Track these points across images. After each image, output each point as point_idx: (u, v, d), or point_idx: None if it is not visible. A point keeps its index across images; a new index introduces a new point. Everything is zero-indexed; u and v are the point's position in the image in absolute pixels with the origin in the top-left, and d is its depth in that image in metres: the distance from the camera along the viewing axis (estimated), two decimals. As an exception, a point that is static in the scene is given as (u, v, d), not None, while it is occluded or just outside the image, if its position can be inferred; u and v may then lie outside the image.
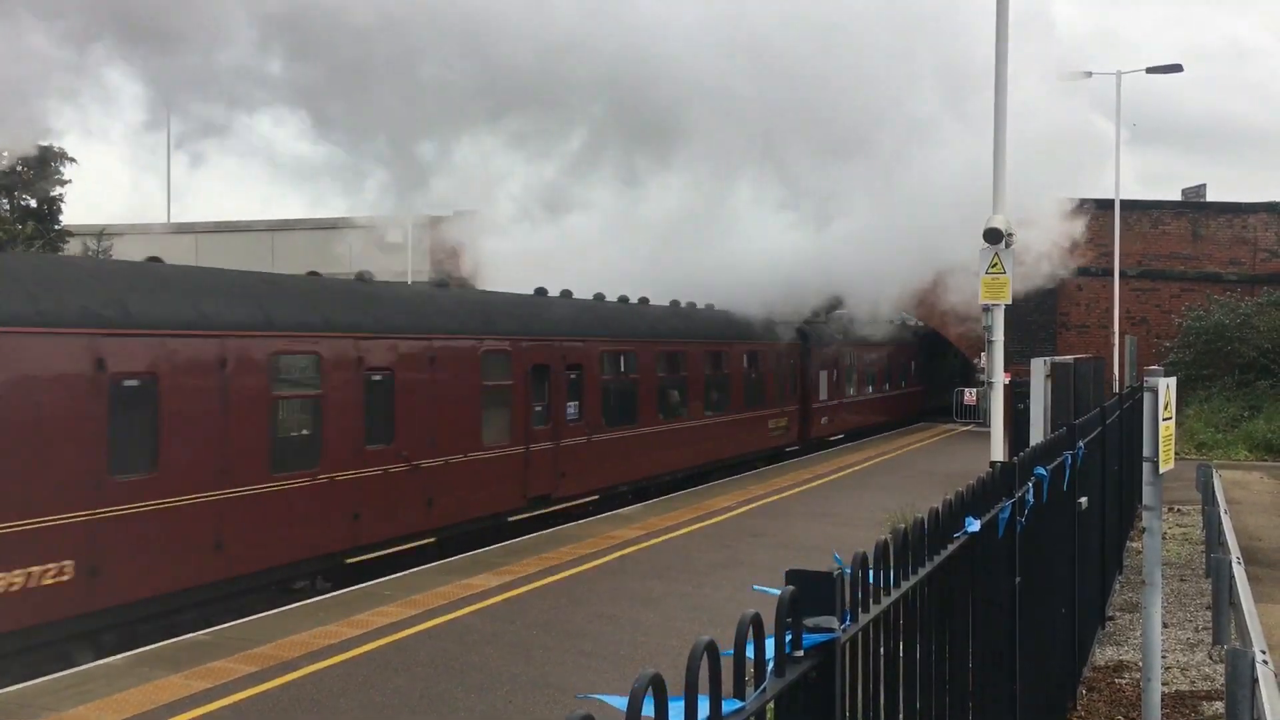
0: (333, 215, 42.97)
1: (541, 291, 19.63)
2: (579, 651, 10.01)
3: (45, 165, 37.53)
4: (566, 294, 20.15)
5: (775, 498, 19.94)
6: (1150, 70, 30.60)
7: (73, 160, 38.07)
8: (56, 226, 36.97)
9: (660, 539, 15.71)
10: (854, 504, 18.87)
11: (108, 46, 14.71)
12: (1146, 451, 6.57)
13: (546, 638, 10.46)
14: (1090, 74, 30.62)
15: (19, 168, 36.32)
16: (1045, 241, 26.67)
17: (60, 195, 38.27)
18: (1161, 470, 6.55)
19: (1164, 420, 6.54)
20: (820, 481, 22.36)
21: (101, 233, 37.48)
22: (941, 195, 22.75)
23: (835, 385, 31.05)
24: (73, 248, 35.24)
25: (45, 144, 37.29)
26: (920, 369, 39.92)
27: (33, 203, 37.49)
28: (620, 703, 1.80)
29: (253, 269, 15.60)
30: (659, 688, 1.82)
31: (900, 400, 37.75)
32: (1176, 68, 30.39)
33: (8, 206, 36.26)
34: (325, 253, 38.24)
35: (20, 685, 9.04)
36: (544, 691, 8.86)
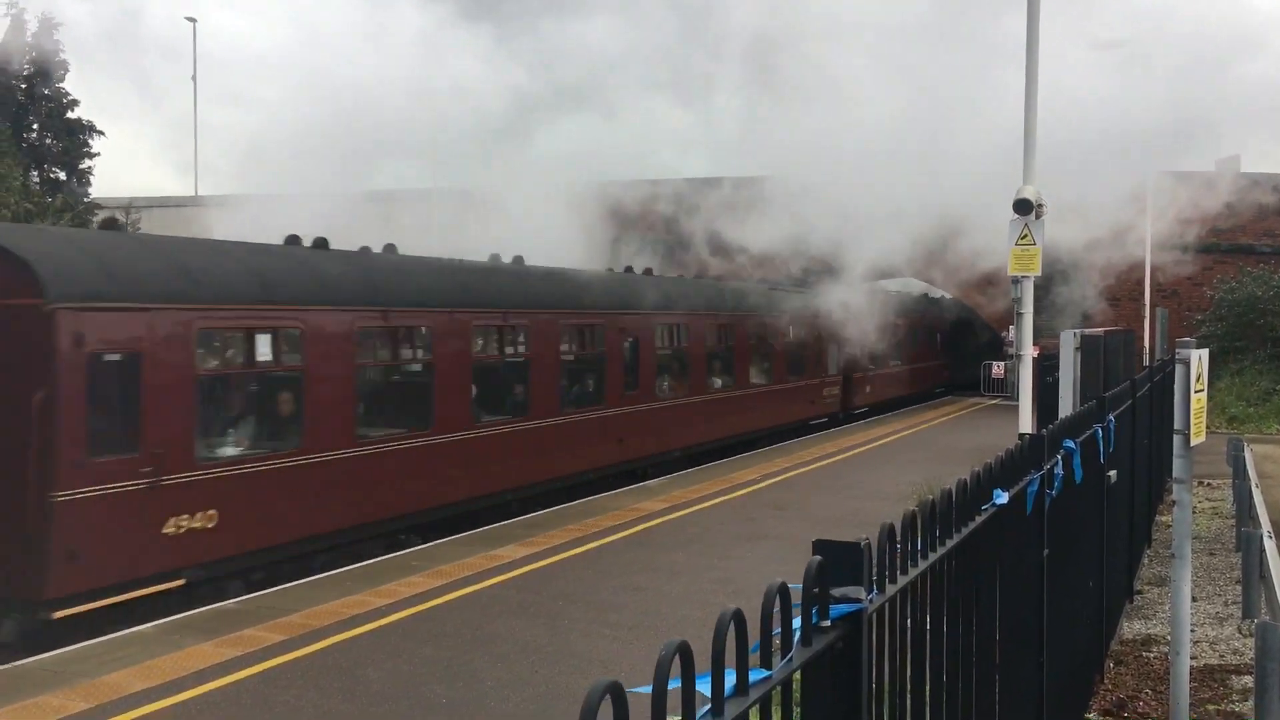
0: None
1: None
2: (604, 622, 10.05)
3: (74, 137, 37.79)
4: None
5: (799, 471, 19.92)
6: (1183, 39, 30.10)
7: (101, 133, 38.36)
8: (85, 199, 37.26)
9: (684, 512, 15.73)
10: (879, 478, 18.83)
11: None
12: (1177, 424, 6.50)
13: (572, 608, 10.51)
14: (1125, 44, 30.21)
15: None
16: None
17: (89, 168, 38.57)
18: (1192, 443, 6.49)
19: (1195, 393, 6.47)
20: (845, 455, 22.32)
21: (129, 205, 37.71)
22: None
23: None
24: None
25: (75, 117, 37.61)
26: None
27: (62, 175, 37.77)
28: (645, 690, 1.79)
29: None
30: (686, 656, 1.82)
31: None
32: (1208, 39, 29.93)
33: (37, 180, 36.53)
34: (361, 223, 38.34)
35: (54, 652, 9.18)
36: (569, 661, 8.91)
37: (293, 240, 14.00)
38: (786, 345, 25.97)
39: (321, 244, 14.16)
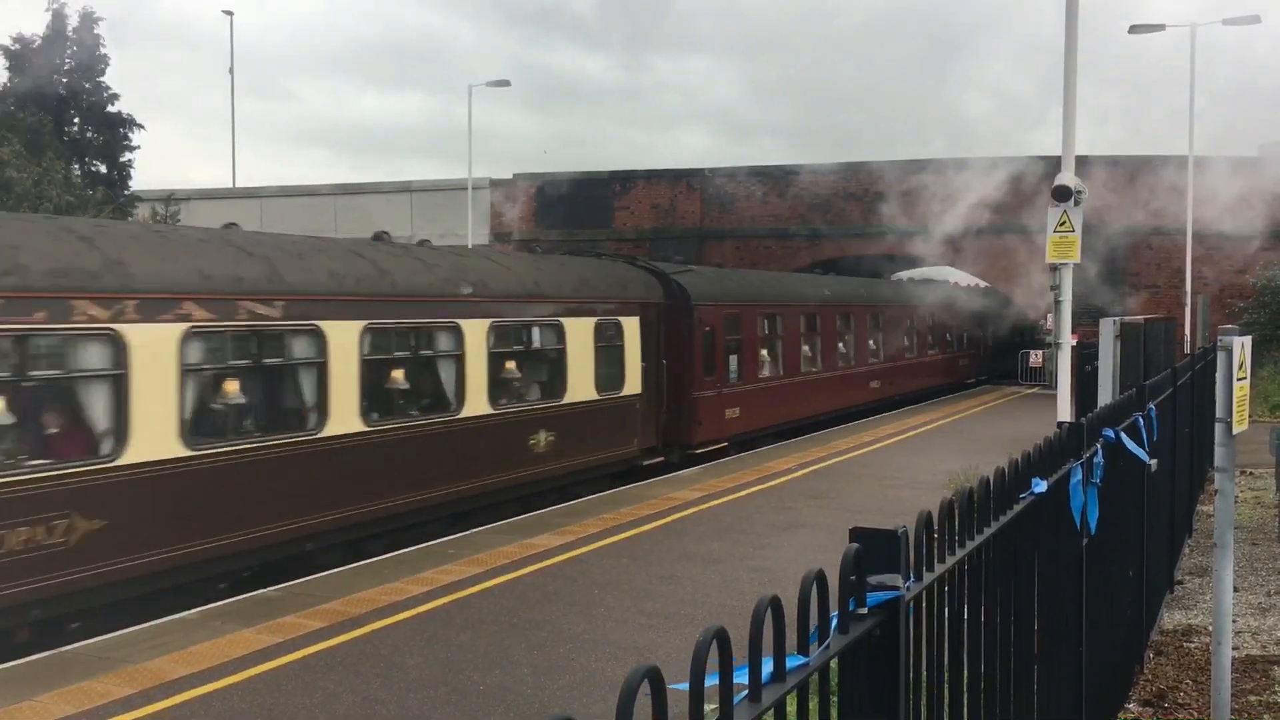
0: (399, 180, 43.42)
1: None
2: (640, 611, 10.08)
3: (114, 131, 38.13)
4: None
5: (836, 460, 19.86)
6: (1227, 22, 29.65)
7: (141, 127, 38.73)
8: (126, 192, 37.66)
9: (720, 501, 15.73)
10: (916, 467, 18.73)
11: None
12: (1219, 412, 6.42)
13: (608, 597, 10.55)
14: (1164, 26, 29.77)
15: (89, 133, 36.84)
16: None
17: (130, 161, 38.94)
18: (1235, 432, 6.40)
19: (1238, 380, 6.39)
20: (882, 444, 22.22)
21: (170, 197, 38.08)
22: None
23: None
24: (142, 213, 35.89)
25: (115, 111, 38.02)
26: None
27: (103, 168, 38.17)
28: (682, 686, 1.80)
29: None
30: (723, 642, 1.82)
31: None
32: (1254, 19, 29.40)
33: (79, 173, 36.97)
34: (390, 216, 38.64)
35: (98, 638, 9.32)
36: (606, 649, 8.94)
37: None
38: (943, 328, 35.31)
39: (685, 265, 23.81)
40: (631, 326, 18.10)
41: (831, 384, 26.35)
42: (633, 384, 18.06)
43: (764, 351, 23.03)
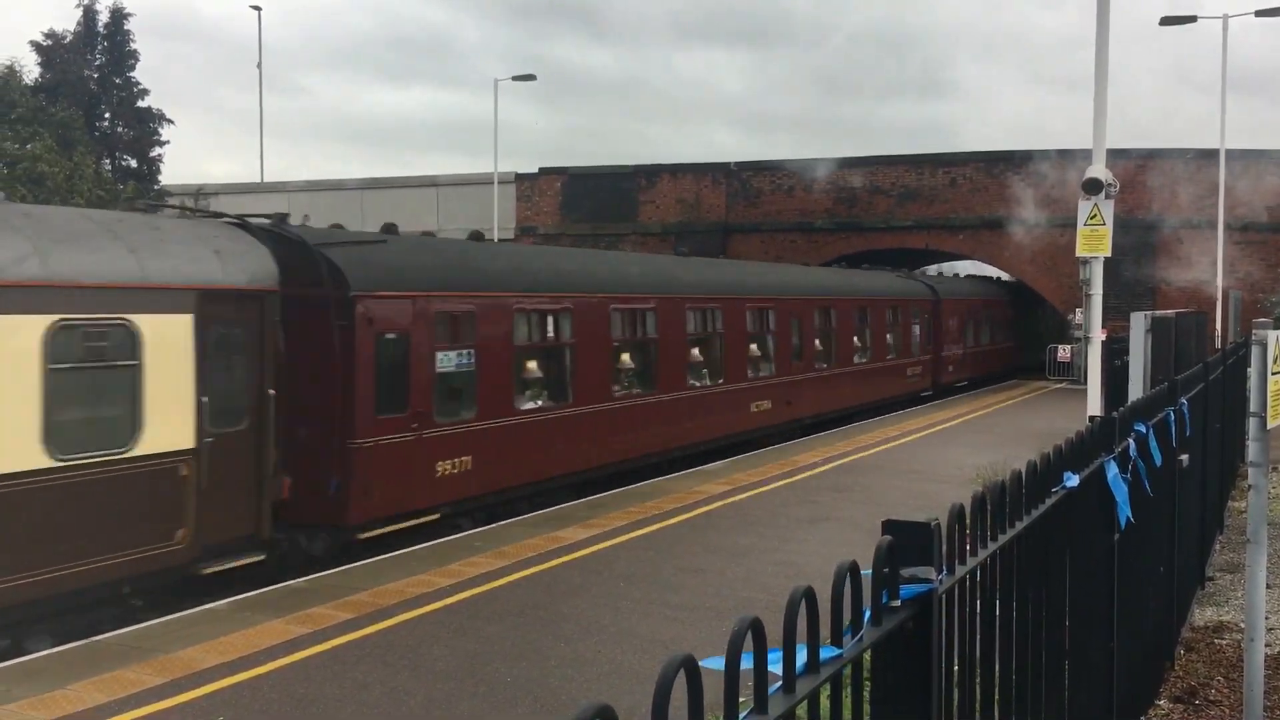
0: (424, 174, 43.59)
1: None
2: (666, 604, 10.09)
3: (144, 125, 38.39)
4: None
5: (862, 454, 19.79)
6: (1259, 14, 29.28)
7: (170, 121, 39.01)
8: (156, 186, 37.96)
9: (746, 494, 15.72)
10: (943, 461, 18.64)
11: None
12: (1253, 406, 6.36)
13: (634, 590, 10.56)
14: (1195, 18, 29.45)
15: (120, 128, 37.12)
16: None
17: (159, 155, 39.23)
18: (1269, 426, 6.34)
19: (1273, 374, 6.32)
20: (909, 438, 22.12)
21: (199, 191, 38.34)
22: None
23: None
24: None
25: (145, 106, 38.35)
26: None
27: (133, 163, 38.47)
28: (716, 663, 1.80)
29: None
30: (758, 633, 1.82)
31: None
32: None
33: (109, 167, 37.27)
34: (417, 209, 38.77)
35: (129, 628, 9.43)
36: (632, 641, 8.96)
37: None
38: (1018, 318, 42.07)
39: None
40: (919, 312, 30.60)
41: (988, 356, 37.59)
42: (924, 349, 30.78)
43: (965, 330, 34.39)
